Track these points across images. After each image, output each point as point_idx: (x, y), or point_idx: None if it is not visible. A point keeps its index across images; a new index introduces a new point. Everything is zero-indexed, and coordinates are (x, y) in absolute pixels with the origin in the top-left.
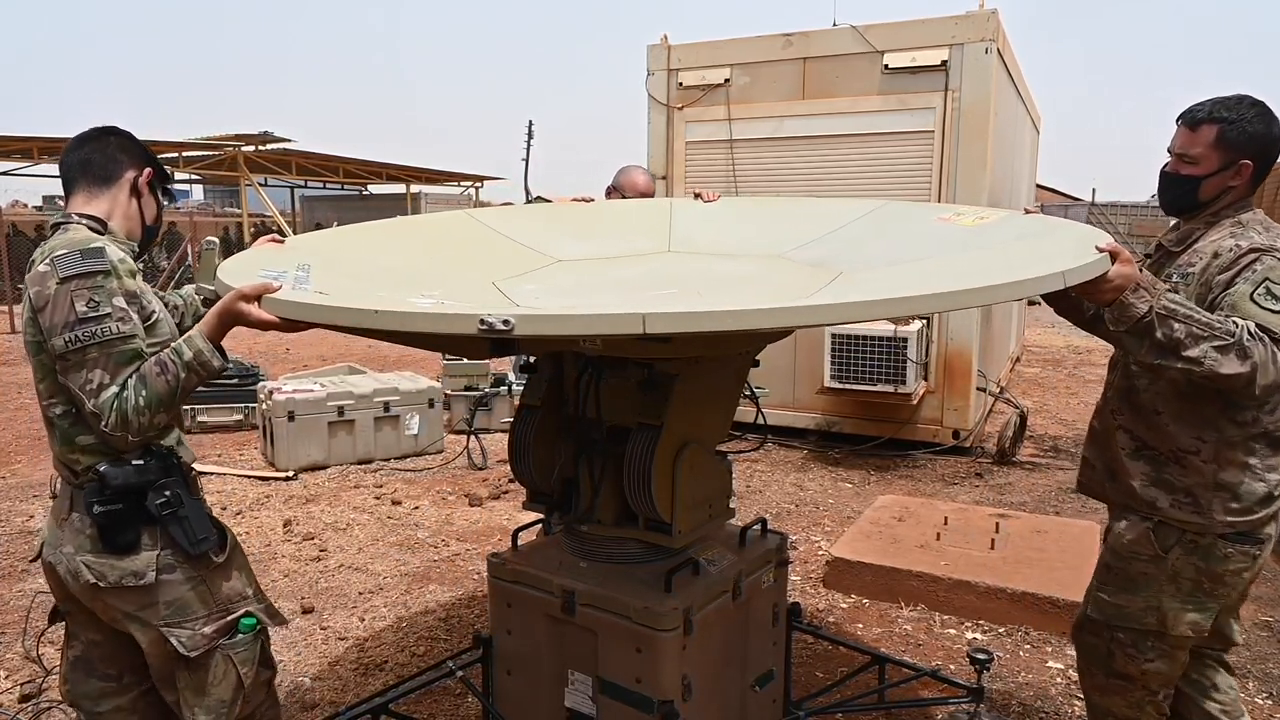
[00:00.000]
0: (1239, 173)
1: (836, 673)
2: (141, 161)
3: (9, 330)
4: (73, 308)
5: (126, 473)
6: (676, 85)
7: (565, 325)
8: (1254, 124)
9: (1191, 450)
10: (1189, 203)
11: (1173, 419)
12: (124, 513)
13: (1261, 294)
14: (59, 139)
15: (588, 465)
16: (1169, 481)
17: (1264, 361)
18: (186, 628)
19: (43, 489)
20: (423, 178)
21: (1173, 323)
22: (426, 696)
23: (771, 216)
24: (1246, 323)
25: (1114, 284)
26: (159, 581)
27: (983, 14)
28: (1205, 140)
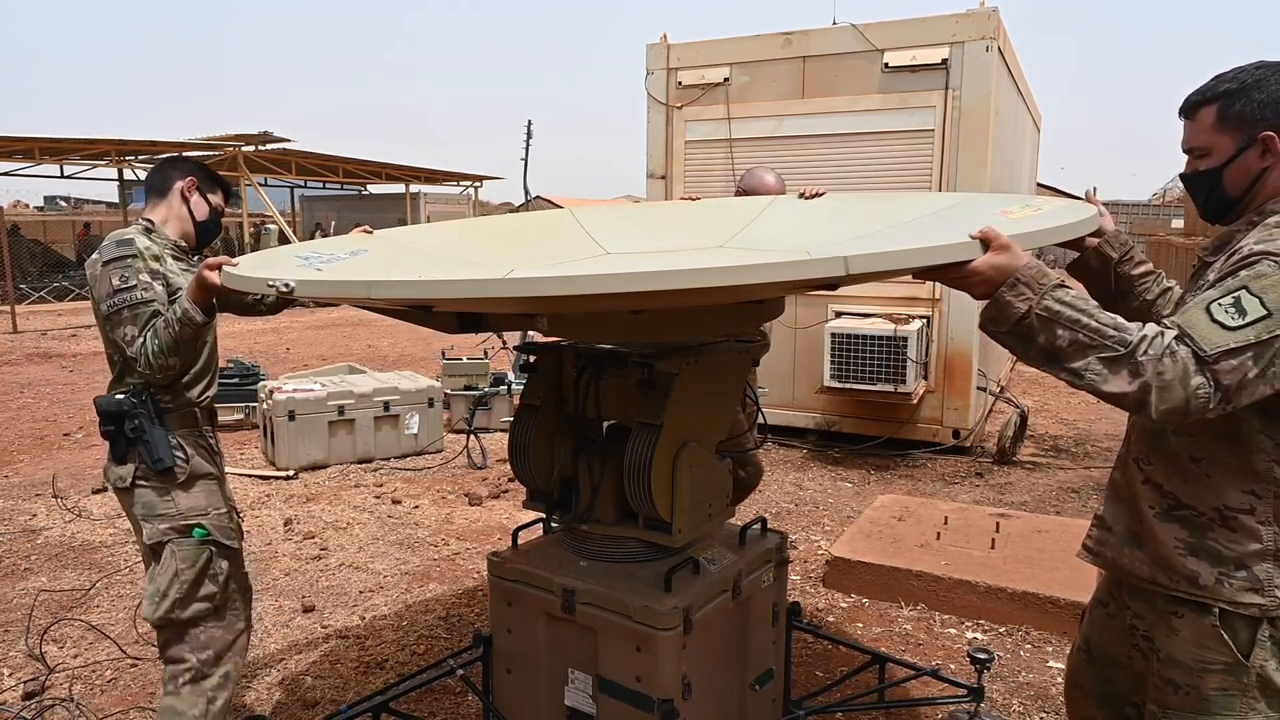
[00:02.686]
0: (1266, 148)
1: (836, 672)
2: (186, 174)
3: (11, 330)
4: (110, 282)
5: (108, 403)
6: (676, 84)
7: (345, 290)
8: (1264, 87)
9: (1244, 509)
10: (1221, 202)
11: (1215, 468)
12: (115, 433)
13: (1227, 304)
14: (60, 139)
15: (587, 464)
16: (1214, 550)
17: (1168, 381)
18: (151, 523)
19: (45, 488)
20: (422, 177)
21: (1056, 327)
22: (427, 695)
23: (863, 213)
24: (1165, 333)
25: (983, 276)
26: (134, 486)
27: (983, 12)
28: (1207, 124)
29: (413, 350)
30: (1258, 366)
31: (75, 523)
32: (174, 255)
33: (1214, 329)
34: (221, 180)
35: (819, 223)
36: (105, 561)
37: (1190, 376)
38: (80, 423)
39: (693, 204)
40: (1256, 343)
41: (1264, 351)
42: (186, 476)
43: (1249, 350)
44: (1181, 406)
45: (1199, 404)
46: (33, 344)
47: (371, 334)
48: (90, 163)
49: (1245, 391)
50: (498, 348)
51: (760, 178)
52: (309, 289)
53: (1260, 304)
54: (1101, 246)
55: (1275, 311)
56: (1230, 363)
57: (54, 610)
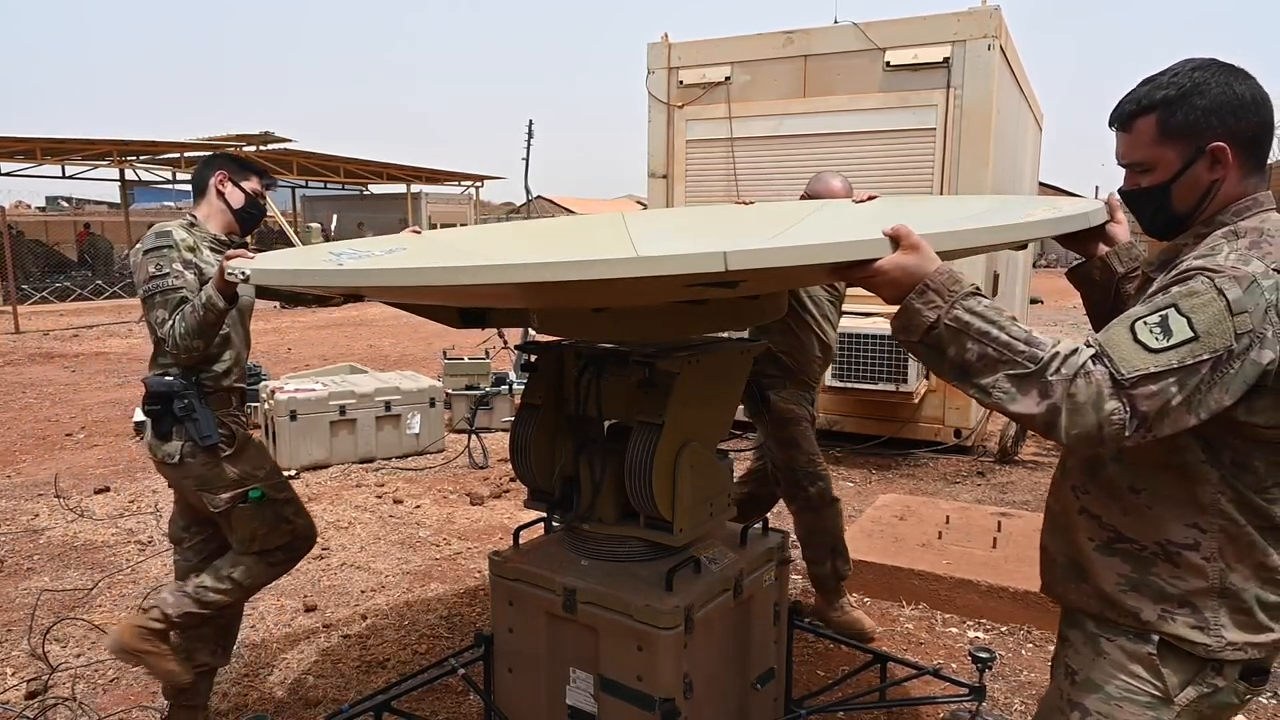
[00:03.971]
0: (1216, 160)
1: (837, 671)
2: (216, 169)
3: (13, 330)
4: (147, 269)
5: (158, 383)
6: (677, 83)
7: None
8: (1205, 91)
9: (1187, 544)
10: (1170, 219)
11: (1157, 500)
12: (161, 411)
13: (1153, 323)
14: (61, 140)
15: (588, 464)
16: (1157, 587)
17: (1080, 404)
18: (213, 494)
19: (47, 488)
20: (423, 177)
21: (965, 339)
22: (428, 694)
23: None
24: (1082, 351)
25: (889, 277)
26: (184, 462)
27: (985, 11)
28: (1147, 137)
29: (414, 350)
30: (1181, 394)
31: (77, 522)
32: (211, 248)
33: (1135, 350)
34: (252, 165)
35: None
36: (107, 561)
37: (1104, 400)
38: (82, 423)
39: (746, 208)
40: (1180, 368)
41: (1189, 378)
42: (234, 449)
43: (1171, 376)
44: (1093, 432)
45: (1113, 431)
46: (35, 344)
47: (373, 334)
48: (91, 163)
49: (1168, 420)
50: (499, 347)
51: (825, 181)
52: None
53: (1188, 325)
54: (1109, 257)
55: (1204, 335)
56: (1149, 388)
57: (56, 610)
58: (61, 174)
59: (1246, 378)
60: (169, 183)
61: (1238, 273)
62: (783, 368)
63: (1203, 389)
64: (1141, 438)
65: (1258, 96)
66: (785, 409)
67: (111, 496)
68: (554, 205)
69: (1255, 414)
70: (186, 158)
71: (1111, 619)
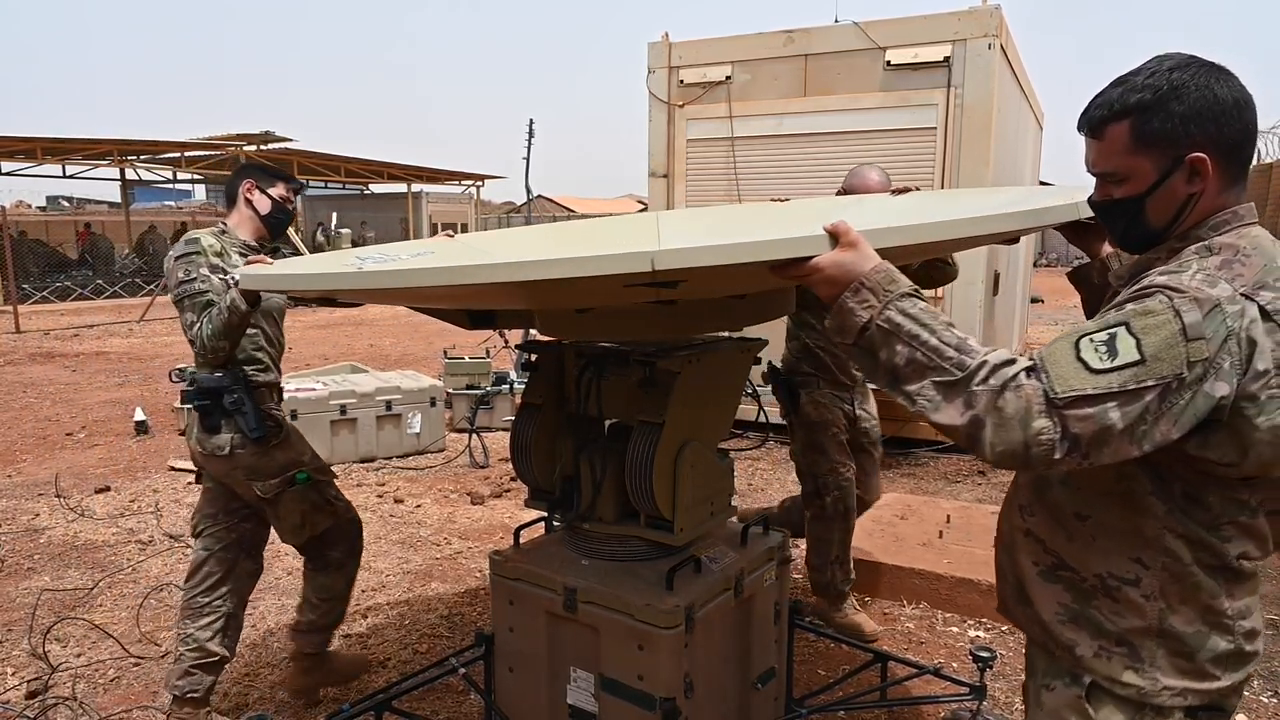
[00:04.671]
0: (1195, 172)
1: (838, 670)
2: (244, 178)
3: (13, 330)
4: (177, 275)
5: (209, 379)
6: (677, 83)
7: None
8: (1183, 96)
9: (1128, 580)
10: (1144, 234)
11: (1101, 530)
12: (210, 406)
13: (1099, 340)
14: (62, 139)
15: (589, 463)
16: (1096, 621)
17: (1006, 419)
18: (261, 481)
19: (48, 488)
20: (424, 176)
21: (896, 343)
22: (429, 693)
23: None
24: (1016, 362)
25: (825, 274)
26: (234, 453)
27: (985, 10)
28: (1120, 145)
29: (415, 349)
30: (1123, 421)
31: (78, 522)
32: (240, 253)
33: (1075, 368)
34: (278, 173)
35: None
36: (108, 561)
37: (1032, 418)
38: (83, 422)
39: (780, 205)
40: (1121, 392)
41: (1131, 404)
42: (280, 439)
43: (1111, 400)
44: (1018, 450)
45: (1040, 451)
46: (35, 344)
47: (374, 333)
48: (92, 163)
49: (1107, 448)
50: (499, 347)
51: (862, 176)
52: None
53: (1136, 347)
54: (1109, 259)
55: (1151, 359)
56: (1085, 410)
57: (57, 609)
58: (62, 174)
59: (1197, 411)
60: (169, 182)
61: (1200, 295)
62: (819, 365)
63: (1148, 418)
64: (1076, 462)
65: (1240, 99)
66: (816, 414)
67: (112, 496)
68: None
69: (1209, 449)
70: (187, 157)
71: (1051, 650)
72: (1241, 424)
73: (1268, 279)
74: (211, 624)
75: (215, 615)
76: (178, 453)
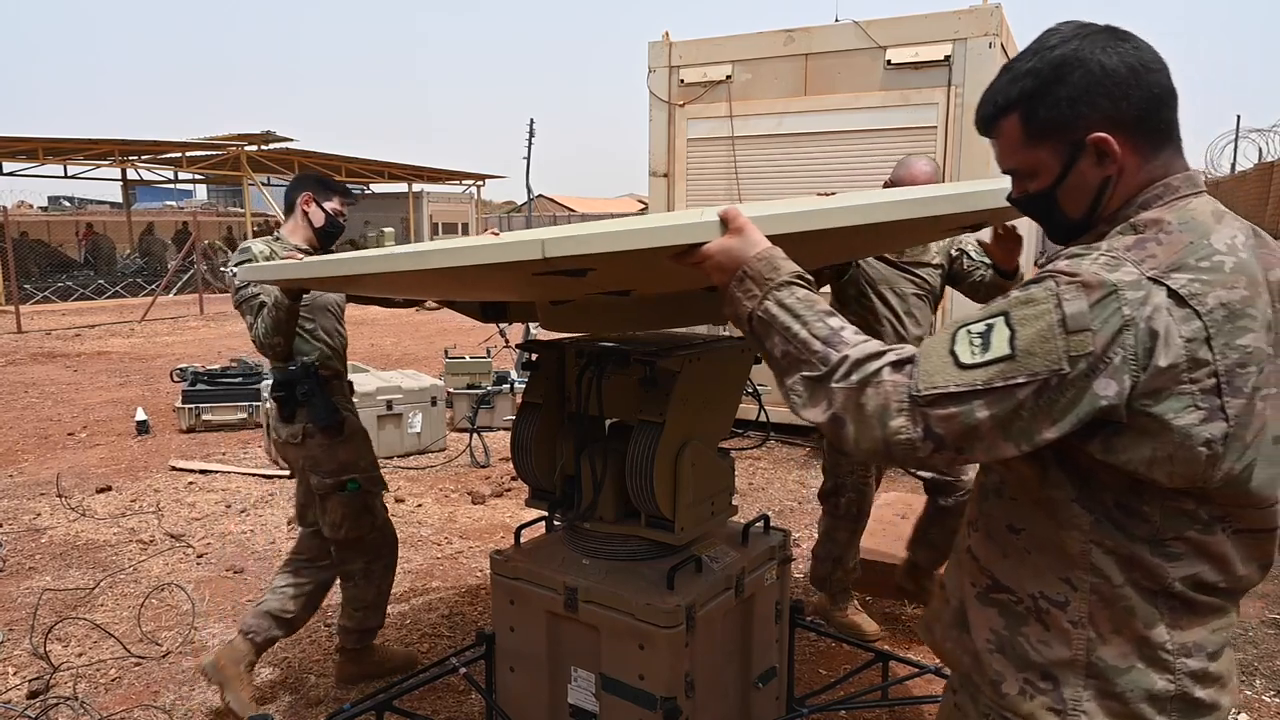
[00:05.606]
0: (1101, 153)
1: (839, 669)
2: (303, 190)
3: (15, 330)
4: (234, 284)
5: (283, 373)
6: (678, 82)
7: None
8: (1066, 76)
9: (1057, 602)
10: (1068, 226)
11: (1035, 544)
12: (285, 397)
13: (977, 332)
14: (63, 140)
15: (590, 462)
16: (1022, 651)
17: (866, 416)
18: (317, 474)
19: (49, 487)
20: (425, 176)
21: (773, 334)
22: (430, 693)
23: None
24: (882, 357)
25: (714, 261)
26: (304, 441)
27: (986, 8)
28: (1014, 141)
29: (415, 349)
30: (992, 420)
31: (79, 522)
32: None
33: (944, 363)
34: (336, 186)
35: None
36: (109, 560)
37: (890, 415)
38: (84, 422)
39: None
40: (987, 389)
41: (1001, 402)
42: (348, 433)
43: (977, 398)
44: (880, 449)
45: (901, 450)
46: (37, 344)
47: (374, 333)
48: (94, 163)
49: (979, 446)
50: (500, 346)
51: (909, 167)
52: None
53: (1009, 340)
54: None
55: (1021, 354)
56: (948, 409)
57: (58, 609)
58: (64, 174)
59: (1079, 412)
60: (171, 182)
61: (1094, 280)
62: None
63: (1024, 415)
64: (949, 459)
65: (1135, 64)
66: None
67: (113, 496)
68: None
69: (1114, 454)
70: (188, 157)
71: (977, 683)
72: (1149, 424)
73: (1189, 259)
74: (301, 587)
75: (306, 582)
76: (179, 452)
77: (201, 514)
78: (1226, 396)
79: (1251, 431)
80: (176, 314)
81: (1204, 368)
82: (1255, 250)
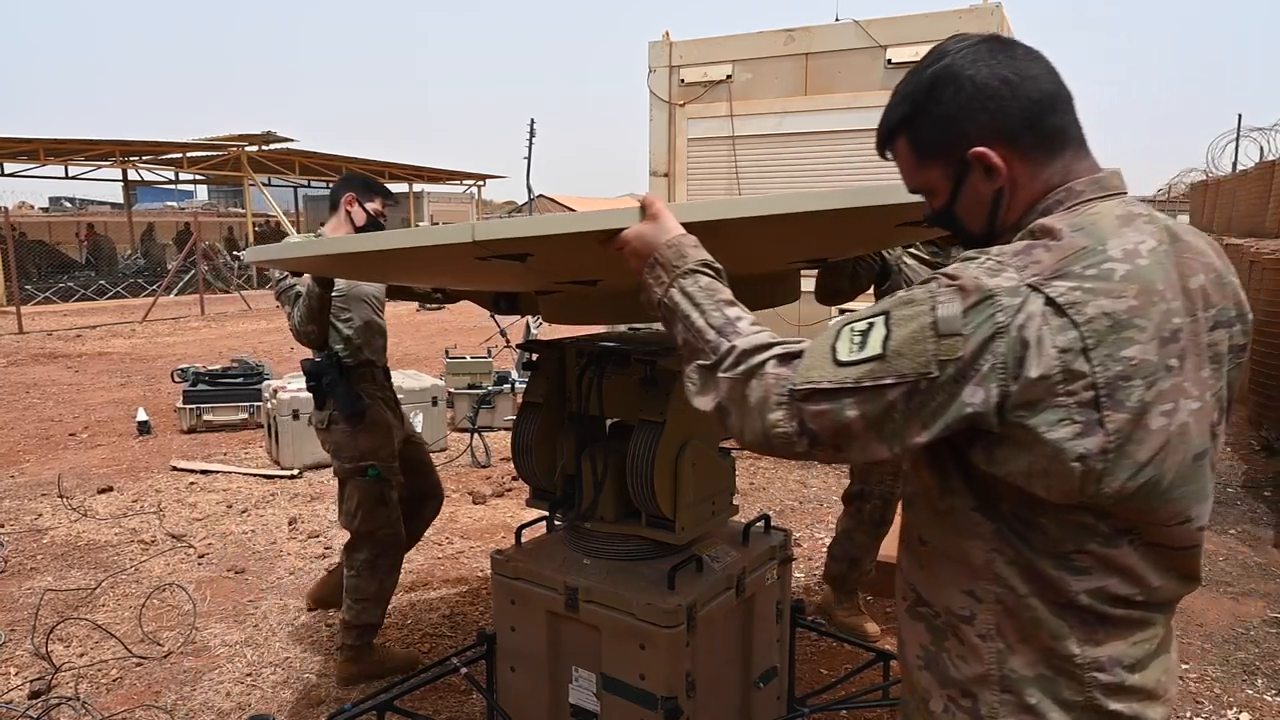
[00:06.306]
0: (987, 168)
1: (840, 669)
2: (347, 190)
3: (16, 331)
4: (275, 277)
5: (310, 363)
6: (678, 82)
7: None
8: (939, 97)
9: (964, 616)
10: (975, 239)
11: (940, 556)
12: (315, 386)
13: (858, 330)
14: (64, 140)
15: (590, 462)
16: (943, 667)
17: (749, 408)
18: (339, 459)
19: (50, 488)
20: (425, 176)
21: (676, 322)
22: (431, 693)
23: None
24: (770, 348)
25: (631, 248)
26: (330, 428)
27: (986, 7)
28: (907, 163)
29: (416, 349)
30: (862, 420)
31: (80, 522)
32: None
33: (823, 358)
34: (379, 188)
35: None
36: (110, 561)
37: (769, 408)
38: (85, 423)
39: None
40: (858, 388)
41: (871, 402)
42: (366, 422)
43: (849, 396)
44: (761, 441)
45: (779, 442)
46: (38, 344)
47: None
48: (94, 163)
49: (854, 445)
50: (501, 346)
51: None
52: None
53: (883, 340)
54: None
55: (891, 355)
56: (821, 405)
57: (60, 609)
58: (65, 174)
59: (948, 419)
60: (172, 183)
61: (972, 285)
62: None
63: (896, 417)
64: (828, 456)
65: (1009, 75)
66: None
67: (114, 496)
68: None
69: (995, 464)
70: (189, 158)
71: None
72: (1024, 436)
73: (1074, 266)
74: None
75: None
76: (180, 453)
77: (202, 514)
78: (1106, 410)
79: (1146, 448)
80: (177, 314)
81: (1080, 380)
82: (1168, 257)
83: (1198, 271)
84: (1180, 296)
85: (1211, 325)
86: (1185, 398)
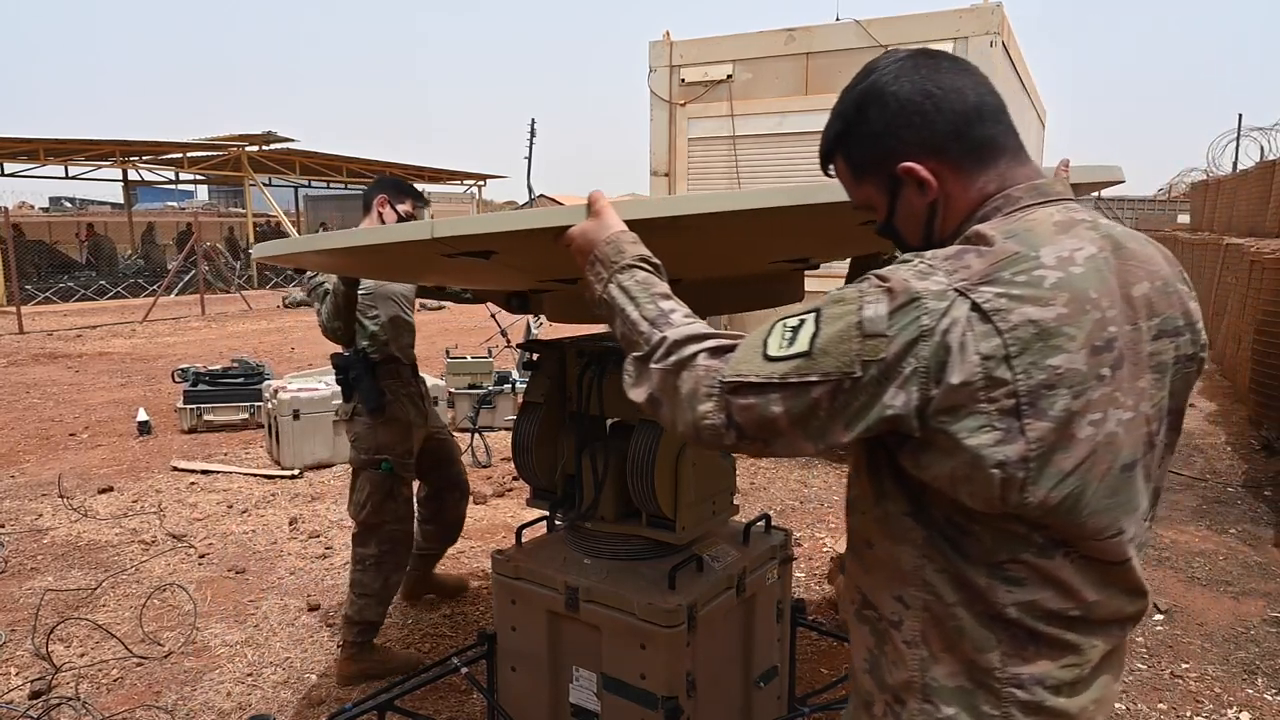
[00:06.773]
0: (919, 182)
1: (841, 669)
2: (379, 192)
3: (17, 331)
4: (304, 276)
5: (337, 358)
6: (678, 82)
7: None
8: (866, 116)
9: (893, 621)
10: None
11: (877, 559)
12: (343, 379)
13: (790, 326)
14: (64, 140)
15: (590, 462)
16: (882, 672)
17: (680, 399)
18: (356, 450)
19: (51, 488)
20: (426, 176)
21: (615, 317)
22: (431, 693)
23: None
24: (703, 341)
25: (575, 245)
26: (353, 419)
27: (987, 7)
28: (846, 180)
29: (417, 349)
30: (787, 416)
31: (81, 522)
32: None
33: (753, 352)
34: (409, 190)
35: None
36: (111, 561)
37: (698, 400)
38: (86, 423)
39: None
40: (784, 384)
41: (796, 398)
42: (386, 417)
43: (774, 391)
44: (691, 432)
45: (708, 434)
46: (38, 344)
47: None
48: (95, 163)
49: (779, 441)
50: (501, 346)
51: None
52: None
53: (811, 337)
54: None
55: (816, 353)
56: (747, 399)
57: (60, 609)
58: (65, 174)
59: (869, 420)
60: (172, 183)
61: (900, 287)
62: None
63: (820, 415)
64: (756, 450)
65: (933, 88)
66: None
67: (115, 496)
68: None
69: (923, 469)
70: (189, 158)
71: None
72: (945, 442)
73: (1004, 272)
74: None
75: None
76: (180, 453)
77: (203, 514)
78: (1027, 419)
79: (1070, 458)
80: (178, 314)
81: (1002, 387)
82: (1107, 264)
83: (1142, 280)
84: (1119, 305)
85: (1155, 334)
86: (1116, 407)
